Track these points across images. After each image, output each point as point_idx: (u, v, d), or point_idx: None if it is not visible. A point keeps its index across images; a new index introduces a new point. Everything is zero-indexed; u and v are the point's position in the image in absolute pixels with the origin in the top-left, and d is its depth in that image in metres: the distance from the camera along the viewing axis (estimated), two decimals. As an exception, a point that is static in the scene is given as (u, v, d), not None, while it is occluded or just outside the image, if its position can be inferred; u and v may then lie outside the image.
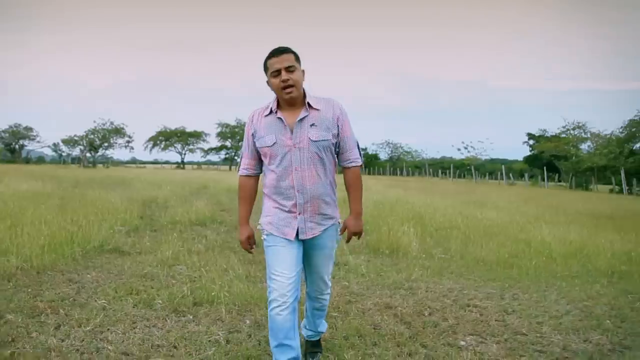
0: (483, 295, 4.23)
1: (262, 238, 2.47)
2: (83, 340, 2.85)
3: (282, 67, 2.33)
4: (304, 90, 2.43)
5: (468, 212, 10.60)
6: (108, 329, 3.04)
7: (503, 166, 40.50)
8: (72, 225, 6.10)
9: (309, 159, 2.37)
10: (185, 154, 70.84)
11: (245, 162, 2.53)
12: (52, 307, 3.39)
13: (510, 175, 40.74)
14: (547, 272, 5.28)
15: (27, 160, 59.62)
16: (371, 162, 72.73)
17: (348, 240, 2.57)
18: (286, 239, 2.40)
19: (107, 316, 3.28)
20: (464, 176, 50.90)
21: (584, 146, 40.77)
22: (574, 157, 38.59)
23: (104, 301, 3.57)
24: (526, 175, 39.75)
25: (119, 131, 62.52)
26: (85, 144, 61.39)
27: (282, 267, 2.34)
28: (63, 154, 67.64)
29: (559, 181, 40.45)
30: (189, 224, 7.59)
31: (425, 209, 10.74)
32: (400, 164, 68.40)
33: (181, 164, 69.02)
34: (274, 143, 2.38)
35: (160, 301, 3.62)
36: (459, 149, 61.04)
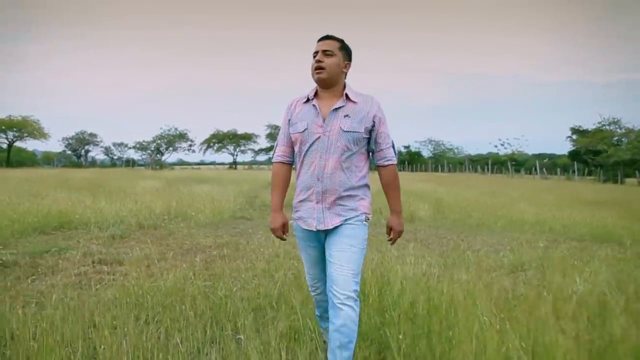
0: (455, 235, 7.78)
1: (294, 234, 2.59)
2: (259, 242, 6.62)
3: (320, 49, 2.41)
4: (345, 84, 2.47)
5: (477, 199, 14.04)
6: (268, 241, 6.81)
7: (537, 161, 43.00)
8: (209, 204, 10.03)
9: (336, 148, 2.36)
10: (237, 155, 74.61)
11: (281, 150, 2.55)
12: (239, 234, 7.25)
13: (544, 170, 43.11)
14: (505, 230, 8.74)
15: (79, 165, 65.15)
16: (414, 159, 75.12)
17: (393, 242, 2.56)
18: (312, 232, 2.44)
19: (264, 237, 7.09)
20: (502, 172, 53.13)
21: (624, 140, 42.89)
22: (608, 152, 40.74)
23: (261, 232, 7.42)
24: (558, 169, 42.08)
25: (182, 136, 68.11)
26: (153, 149, 67.50)
27: (308, 267, 2.60)
28: (114, 157, 73.94)
29: (589, 175, 42.50)
30: (277, 205, 11.39)
31: (444, 195, 14.29)
32: (442, 161, 70.66)
33: (233, 165, 73.40)
34: (305, 129, 2.40)
35: (287, 232, 7.42)
36: (495, 146, 62.50)
